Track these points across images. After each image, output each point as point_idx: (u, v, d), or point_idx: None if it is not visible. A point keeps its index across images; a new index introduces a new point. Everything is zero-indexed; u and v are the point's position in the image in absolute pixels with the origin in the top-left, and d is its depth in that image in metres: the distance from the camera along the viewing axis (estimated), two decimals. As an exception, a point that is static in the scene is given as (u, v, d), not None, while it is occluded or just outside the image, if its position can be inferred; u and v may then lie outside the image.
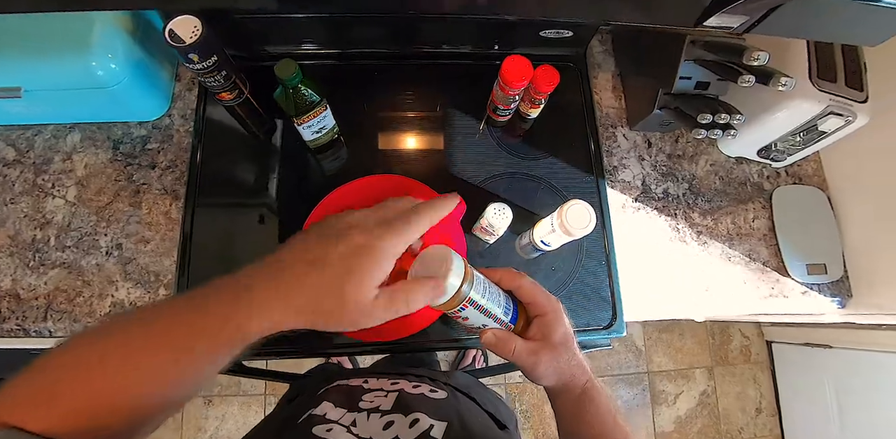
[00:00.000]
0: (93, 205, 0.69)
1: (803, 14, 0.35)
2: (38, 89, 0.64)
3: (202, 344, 0.28)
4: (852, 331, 1.28)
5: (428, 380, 0.53)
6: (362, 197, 0.62)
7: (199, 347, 0.28)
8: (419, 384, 0.49)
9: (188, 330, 0.28)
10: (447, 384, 0.54)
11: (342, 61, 0.80)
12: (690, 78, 0.73)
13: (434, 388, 0.49)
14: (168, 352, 0.27)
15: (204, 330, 0.28)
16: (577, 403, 0.43)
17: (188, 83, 0.77)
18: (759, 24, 0.36)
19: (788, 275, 0.82)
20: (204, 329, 0.28)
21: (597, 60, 0.88)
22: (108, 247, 0.68)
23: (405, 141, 0.79)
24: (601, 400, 0.43)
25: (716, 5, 0.33)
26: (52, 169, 0.71)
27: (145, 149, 0.73)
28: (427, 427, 0.39)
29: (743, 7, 0.34)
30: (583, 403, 0.43)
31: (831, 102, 0.71)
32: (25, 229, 0.68)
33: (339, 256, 0.29)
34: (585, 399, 0.43)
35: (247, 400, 1.46)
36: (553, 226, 0.64)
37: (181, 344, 0.27)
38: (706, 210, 0.83)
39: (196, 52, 0.61)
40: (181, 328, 0.28)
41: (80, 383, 0.26)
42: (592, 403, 0.43)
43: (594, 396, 0.43)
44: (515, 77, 0.66)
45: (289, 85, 0.58)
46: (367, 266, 0.29)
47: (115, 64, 0.64)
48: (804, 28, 0.39)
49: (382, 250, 0.30)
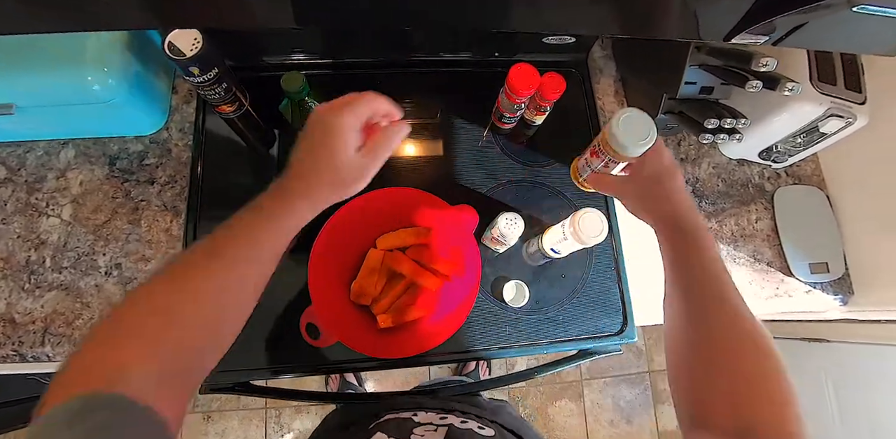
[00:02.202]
0: (89, 223, 0.67)
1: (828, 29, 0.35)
2: (31, 105, 0.61)
3: (271, 233, 0.38)
4: (848, 325, 1.30)
5: (474, 417, 0.52)
6: (373, 212, 0.60)
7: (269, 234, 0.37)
8: (466, 420, 0.49)
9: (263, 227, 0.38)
10: (493, 421, 0.54)
11: (342, 70, 0.79)
12: (695, 83, 0.73)
13: (482, 425, 0.49)
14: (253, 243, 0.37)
15: (269, 221, 0.38)
16: (679, 242, 0.44)
17: (185, 95, 0.75)
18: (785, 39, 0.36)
19: (792, 274, 0.82)
20: (269, 219, 0.38)
21: (598, 65, 0.87)
22: (107, 267, 0.65)
23: (409, 150, 0.77)
24: (707, 245, 0.43)
25: (744, 23, 0.33)
26: (46, 187, 0.68)
27: (143, 164, 0.70)
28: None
29: (769, 26, 0.34)
30: (686, 244, 0.43)
31: (832, 104, 0.72)
32: (19, 250, 0.65)
33: (319, 141, 0.39)
34: (689, 240, 0.43)
35: (247, 415, 1.43)
36: (565, 234, 0.64)
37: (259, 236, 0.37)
38: (710, 212, 0.83)
39: (197, 65, 0.59)
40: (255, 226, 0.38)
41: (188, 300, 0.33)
42: (697, 247, 0.43)
43: (699, 241, 0.43)
44: (523, 85, 0.65)
45: (295, 98, 0.56)
46: (335, 136, 0.39)
47: (110, 78, 0.62)
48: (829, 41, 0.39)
49: (342, 124, 0.39)
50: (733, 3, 0.32)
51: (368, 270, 0.61)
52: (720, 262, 0.42)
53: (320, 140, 0.39)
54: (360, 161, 0.40)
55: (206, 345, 0.34)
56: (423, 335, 0.59)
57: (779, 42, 0.36)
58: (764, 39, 0.35)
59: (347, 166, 0.39)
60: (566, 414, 1.47)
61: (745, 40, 0.35)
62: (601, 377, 1.53)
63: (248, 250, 0.36)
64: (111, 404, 0.26)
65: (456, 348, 0.66)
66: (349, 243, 0.61)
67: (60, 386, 0.27)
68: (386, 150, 0.41)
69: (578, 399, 1.49)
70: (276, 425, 1.43)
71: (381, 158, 0.41)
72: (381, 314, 0.60)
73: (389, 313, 0.60)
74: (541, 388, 1.49)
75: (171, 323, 0.31)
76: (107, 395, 0.26)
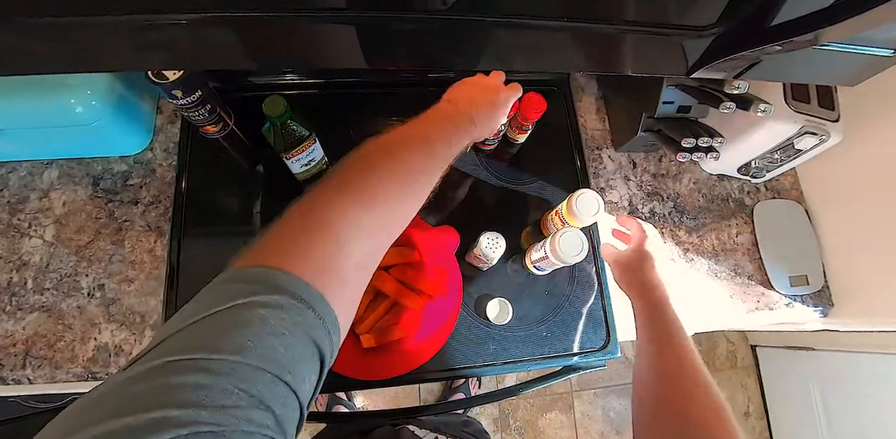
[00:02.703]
0: (72, 244, 0.67)
1: (784, 64, 0.36)
2: (14, 128, 0.62)
3: (459, 143, 0.46)
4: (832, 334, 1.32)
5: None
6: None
7: (458, 144, 0.46)
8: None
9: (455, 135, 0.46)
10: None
11: (327, 90, 0.80)
12: (673, 102, 0.75)
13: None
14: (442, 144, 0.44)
15: (459, 136, 0.47)
16: (646, 312, 0.54)
17: (170, 116, 0.75)
18: (744, 73, 0.37)
19: (773, 287, 0.84)
20: (459, 135, 0.47)
21: (580, 84, 0.89)
22: (90, 289, 0.65)
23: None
24: (668, 317, 0.52)
25: (700, 62, 0.35)
26: (29, 207, 0.68)
27: (127, 184, 0.71)
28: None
29: (725, 64, 0.36)
30: (652, 315, 0.53)
31: (806, 122, 0.74)
32: (0, 272, 0.65)
33: (501, 104, 0.54)
34: (656, 312, 0.53)
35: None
36: (546, 253, 0.65)
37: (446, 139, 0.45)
38: (691, 227, 0.85)
39: (180, 88, 0.60)
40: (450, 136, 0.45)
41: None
42: (660, 318, 0.52)
43: (660, 313, 0.52)
44: None
45: (277, 122, 0.57)
46: (506, 110, 0.56)
47: (94, 100, 0.62)
48: (786, 74, 0.40)
49: (513, 101, 0.57)
50: (691, 45, 0.33)
51: (352, 290, 0.62)
52: (678, 324, 0.52)
53: (495, 104, 0.52)
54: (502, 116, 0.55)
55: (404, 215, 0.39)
56: (407, 354, 0.59)
57: (739, 76, 0.37)
58: (723, 75, 0.36)
59: (498, 118, 0.54)
60: (556, 427, 1.47)
61: (706, 75, 0.36)
62: (591, 388, 1.53)
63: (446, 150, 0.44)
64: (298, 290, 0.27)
65: (441, 366, 0.66)
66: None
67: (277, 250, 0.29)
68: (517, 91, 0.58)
69: (569, 411, 1.49)
70: None
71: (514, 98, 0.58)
72: (364, 334, 0.60)
73: (373, 333, 0.60)
74: (531, 401, 1.48)
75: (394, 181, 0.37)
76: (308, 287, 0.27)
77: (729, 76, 0.37)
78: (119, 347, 0.63)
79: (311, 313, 0.26)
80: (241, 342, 0.23)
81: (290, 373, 0.24)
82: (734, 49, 0.35)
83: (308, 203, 0.33)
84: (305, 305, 0.26)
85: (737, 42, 0.34)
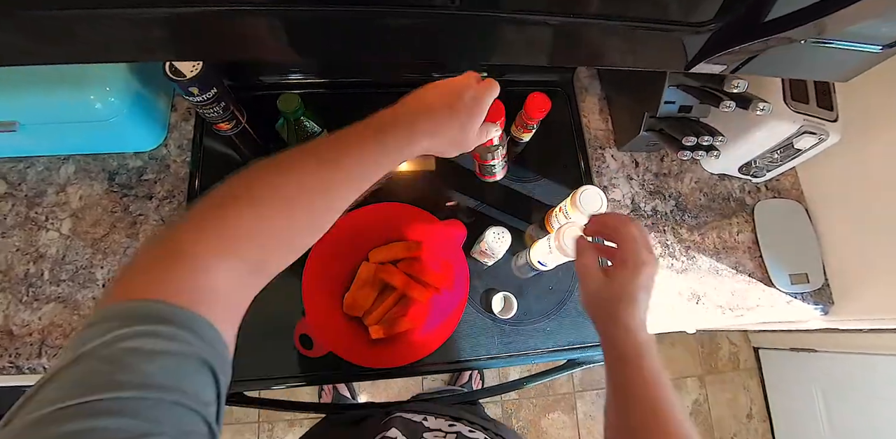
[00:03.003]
0: (88, 237, 0.69)
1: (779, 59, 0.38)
2: (33, 123, 0.64)
3: (386, 160, 0.39)
4: (834, 335, 1.33)
5: (481, 428, 0.53)
6: (366, 226, 0.63)
7: (384, 161, 0.39)
8: (474, 429, 0.50)
9: (380, 152, 0.39)
10: (498, 435, 0.55)
11: (336, 90, 0.82)
12: (674, 102, 0.77)
13: (488, 437, 0.50)
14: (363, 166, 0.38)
15: (386, 152, 0.39)
16: (621, 367, 0.41)
17: (184, 113, 0.78)
18: (741, 68, 0.39)
19: (773, 285, 0.85)
20: (385, 151, 0.39)
21: (584, 84, 0.91)
22: (105, 280, 0.67)
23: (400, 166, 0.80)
24: (649, 375, 0.40)
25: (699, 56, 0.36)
26: (46, 201, 0.70)
27: (141, 179, 0.72)
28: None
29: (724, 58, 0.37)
30: (627, 371, 0.41)
31: (805, 122, 0.75)
32: (18, 263, 0.67)
33: (464, 106, 0.42)
34: (629, 371, 0.41)
35: (240, 429, 1.43)
36: (550, 248, 0.66)
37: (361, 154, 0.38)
38: (693, 225, 0.86)
39: (196, 85, 0.62)
40: (372, 152, 0.39)
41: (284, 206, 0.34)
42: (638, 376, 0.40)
43: (638, 370, 0.40)
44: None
45: (291, 118, 0.59)
46: (478, 113, 0.44)
47: (112, 97, 0.64)
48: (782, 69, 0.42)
49: (486, 102, 0.44)
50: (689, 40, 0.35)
51: (361, 283, 0.63)
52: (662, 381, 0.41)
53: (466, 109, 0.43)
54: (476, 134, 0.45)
55: (287, 247, 0.35)
56: (414, 345, 0.61)
57: (736, 70, 0.39)
58: (722, 69, 0.38)
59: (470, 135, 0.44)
60: (559, 427, 1.47)
61: (705, 70, 0.38)
62: (593, 389, 1.53)
63: (360, 169, 0.38)
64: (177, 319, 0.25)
65: (446, 358, 0.68)
66: (342, 256, 0.63)
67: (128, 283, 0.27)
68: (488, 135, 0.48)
69: (571, 411, 1.49)
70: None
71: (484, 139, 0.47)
72: (372, 325, 0.61)
73: (381, 324, 0.61)
74: (533, 401, 1.49)
75: (262, 217, 0.32)
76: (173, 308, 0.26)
77: (727, 70, 0.39)
78: (133, 337, 0.64)
79: (186, 333, 0.25)
80: (120, 378, 0.22)
81: (182, 393, 0.24)
82: (731, 44, 0.36)
83: (166, 232, 0.30)
84: (179, 326, 0.25)
85: (733, 37, 0.36)
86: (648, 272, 0.42)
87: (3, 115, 0.62)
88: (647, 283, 0.42)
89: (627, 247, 0.42)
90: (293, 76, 0.80)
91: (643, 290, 0.42)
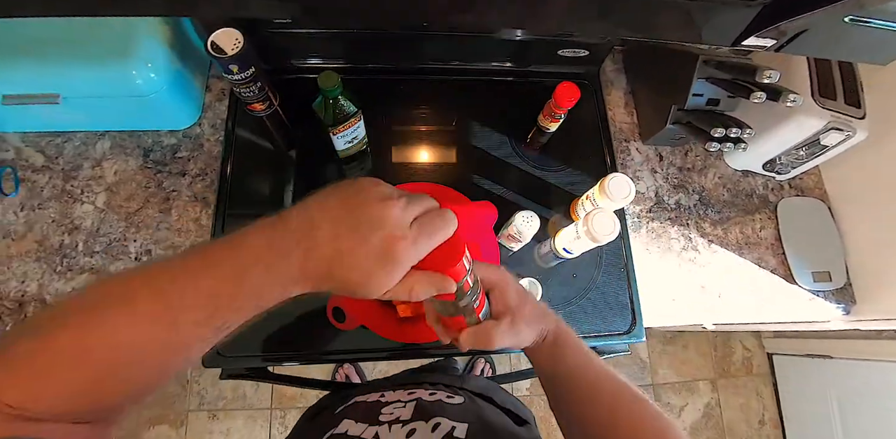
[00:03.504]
0: (122, 211, 0.70)
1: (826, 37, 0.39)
2: (75, 96, 0.65)
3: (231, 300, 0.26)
4: (852, 342, 1.31)
5: (443, 387, 0.53)
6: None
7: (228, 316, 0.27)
8: (435, 391, 0.50)
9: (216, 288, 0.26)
10: (462, 389, 0.55)
11: (363, 75, 0.83)
12: (702, 95, 0.77)
13: (450, 394, 0.50)
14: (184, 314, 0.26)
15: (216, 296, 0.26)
16: (552, 349, 0.44)
17: (218, 94, 0.79)
18: (788, 45, 0.39)
19: (795, 282, 0.84)
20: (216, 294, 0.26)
21: (609, 78, 0.92)
22: (138, 253, 0.68)
23: (424, 155, 0.81)
24: (571, 341, 0.45)
25: (752, 28, 0.37)
26: (82, 175, 0.71)
27: (175, 157, 0.74)
28: (449, 429, 0.40)
29: (775, 31, 0.38)
30: (557, 347, 0.44)
31: (832, 118, 0.75)
32: (53, 234, 0.68)
33: (378, 243, 0.29)
34: (559, 342, 0.44)
35: (252, 415, 1.43)
36: (578, 233, 0.66)
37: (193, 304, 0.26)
38: (716, 220, 0.86)
39: (236, 63, 0.63)
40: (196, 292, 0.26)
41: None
42: (566, 346, 0.44)
43: (566, 339, 0.45)
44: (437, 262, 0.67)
45: (329, 95, 0.60)
46: (400, 260, 0.30)
47: (154, 73, 0.66)
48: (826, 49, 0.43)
49: (416, 253, 0.30)
50: (738, 14, 0.35)
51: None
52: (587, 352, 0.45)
53: (379, 248, 0.29)
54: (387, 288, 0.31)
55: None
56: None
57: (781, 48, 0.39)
58: (771, 43, 0.38)
59: (378, 287, 0.30)
60: (568, 425, 1.46)
61: (754, 43, 0.38)
62: (605, 389, 1.52)
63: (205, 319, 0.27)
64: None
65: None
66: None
67: None
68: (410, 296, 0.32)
69: (582, 408, 1.48)
70: (281, 426, 1.42)
71: (400, 298, 0.32)
72: (400, 304, 0.62)
73: (409, 304, 0.62)
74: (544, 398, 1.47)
75: None
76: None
77: (774, 47, 0.39)
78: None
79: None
80: None
81: None
82: (779, 18, 0.37)
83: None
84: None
85: (782, 12, 0.36)
86: (504, 272, 0.44)
87: (48, 88, 0.64)
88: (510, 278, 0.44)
89: (485, 275, 0.43)
90: (321, 61, 0.81)
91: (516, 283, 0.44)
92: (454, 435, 0.39)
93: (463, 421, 0.42)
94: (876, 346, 1.25)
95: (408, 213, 0.30)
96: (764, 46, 0.39)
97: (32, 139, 0.73)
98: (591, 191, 0.72)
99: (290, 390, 1.45)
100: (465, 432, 0.40)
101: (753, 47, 0.40)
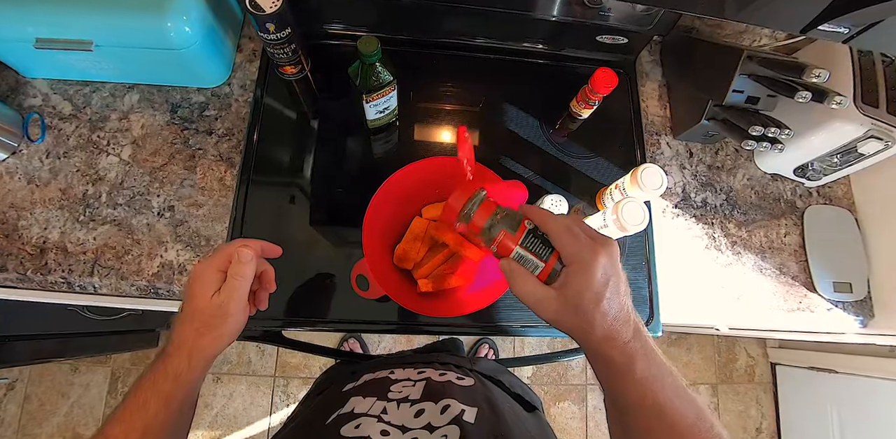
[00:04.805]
0: (147, 165, 0.69)
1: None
2: (108, 45, 0.64)
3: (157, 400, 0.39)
4: (857, 357, 1.30)
5: (454, 367, 0.53)
6: (424, 176, 0.62)
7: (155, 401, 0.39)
8: (445, 372, 0.50)
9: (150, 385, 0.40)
10: (472, 370, 0.55)
11: (396, 46, 0.81)
12: (742, 91, 0.75)
13: (461, 375, 0.49)
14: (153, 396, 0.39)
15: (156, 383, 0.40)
16: (645, 373, 0.35)
17: (249, 55, 0.78)
18: (860, 36, 0.38)
19: (816, 290, 0.83)
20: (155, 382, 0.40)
21: (645, 69, 0.90)
22: (160, 208, 0.67)
23: (449, 133, 0.79)
24: (665, 366, 0.36)
25: (827, 15, 0.35)
26: (108, 127, 0.71)
27: (203, 115, 0.73)
28: (458, 411, 0.39)
29: (851, 18, 0.36)
30: (650, 372, 0.35)
31: (873, 126, 0.73)
32: (77, 184, 0.67)
33: (184, 293, 0.43)
34: (652, 364, 0.35)
35: (255, 381, 1.45)
36: (606, 222, 0.65)
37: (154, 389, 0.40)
38: (741, 222, 0.84)
39: (274, 22, 0.62)
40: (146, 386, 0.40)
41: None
42: (662, 373, 0.35)
43: (658, 361, 0.35)
44: None
45: (367, 61, 0.59)
46: (191, 285, 0.42)
47: (188, 27, 0.65)
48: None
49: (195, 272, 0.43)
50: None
51: (412, 236, 0.63)
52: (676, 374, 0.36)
53: (185, 292, 0.43)
54: (216, 300, 0.41)
55: None
56: (460, 303, 0.60)
57: (852, 38, 0.38)
58: (843, 32, 0.37)
59: (206, 308, 0.41)
60: (568, 417, 1.47)
61: (826, 29, 0.37)
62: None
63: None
64: None
65: (485, 321, 0.67)
66: (397, 208, 0.63)
67: None
68: (235, 282, 0.41)
69: (581, 402, 1.48)
70: (283, 394, 1.44)
71: (235, 291, 0.41)
72: (421, 279, 0.61)
73: (430, 279, 0.61)
74: (545, 388, 1.49)
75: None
76: None
77: (846, 36, 0.38)
78: (183, 266, 0.65)
79: None
80: None
81: None
82: (852, 6, 0.35)
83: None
84: None
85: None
86: (601, 262, 0.34)
87: (82, 34, 0.63)
88: (605, 274, 0.35)
89: (564, 245, 0.36)
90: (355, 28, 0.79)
91: (604, 285, 0.34)
92: (463, 419, 0.38)
93: (473, 405, 0.41)
94: (882, 363, 1.24)
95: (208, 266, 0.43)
96: (837, 33, 0.38)
97: (61, 87, 0.72)
98: (622, 180, 0.70)
99: (294, 359, 1.47)
100: (475, 417, 0.39)
101: (824, 34, 0.38)
